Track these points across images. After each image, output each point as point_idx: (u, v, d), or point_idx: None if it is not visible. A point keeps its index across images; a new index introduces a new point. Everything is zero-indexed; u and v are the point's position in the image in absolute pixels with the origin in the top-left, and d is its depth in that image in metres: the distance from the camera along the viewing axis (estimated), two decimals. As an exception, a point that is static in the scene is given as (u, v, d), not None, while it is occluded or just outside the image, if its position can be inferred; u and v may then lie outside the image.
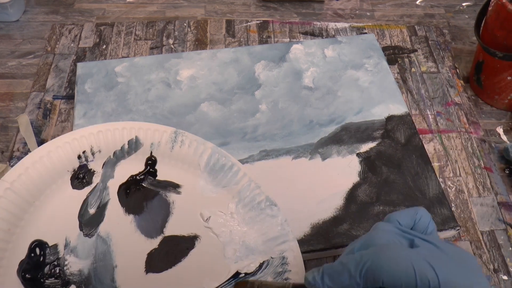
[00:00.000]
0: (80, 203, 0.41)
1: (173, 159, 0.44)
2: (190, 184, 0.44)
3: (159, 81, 0.57)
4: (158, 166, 0.44)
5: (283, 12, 0.70)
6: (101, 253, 0.40)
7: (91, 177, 0.42)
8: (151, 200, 0.43)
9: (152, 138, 0.44)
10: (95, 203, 0.42)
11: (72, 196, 0.41)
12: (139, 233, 0.41)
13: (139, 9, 0.70)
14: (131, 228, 0.41)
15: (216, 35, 0.66)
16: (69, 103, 0.57)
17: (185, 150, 0.44)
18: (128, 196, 0.43)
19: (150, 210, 0.42)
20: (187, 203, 0.43)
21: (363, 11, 0.71)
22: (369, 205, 0.48)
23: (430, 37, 0.66)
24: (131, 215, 0.42)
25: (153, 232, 0.42)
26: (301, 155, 0.51)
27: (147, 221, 0.42)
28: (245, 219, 0.43)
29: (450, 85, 0.61)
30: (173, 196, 0.43)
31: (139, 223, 0.42)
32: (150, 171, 0.44)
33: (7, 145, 0.53)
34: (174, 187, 0.44)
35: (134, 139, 0.43)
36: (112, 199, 0.42)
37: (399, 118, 0.55)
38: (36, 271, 0.38)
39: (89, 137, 0.42)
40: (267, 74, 0.58)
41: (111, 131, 0.43)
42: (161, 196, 0.43)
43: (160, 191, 0.43)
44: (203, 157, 0.44)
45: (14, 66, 0.61)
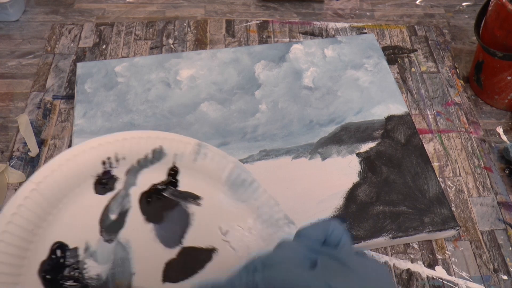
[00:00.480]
0: (101, 209, 0.42)
1: (195, 171, 0.44)
2: (210, 197, 0.44)
3: (159, 81, 0.57)
4: (180, 176, 0.44)
5: (283, 12, 0.70)
6: (120, 259, 0.40)
7: (114, 183, 0.43)
8: (171, 210, 0.43)
9: (176, 149, 0.44)
10: (116, 209, 0.42)
11: (94, 201, 0.42)
12: (158, 242, 0.41)
13: (139, 9, 0.70)
14: (151, 236, 0.41)
15: (216, 35, 0.66)
16: (69, 103, 0.57)
17: (208, 163, 0.44)
18: (149, 204, 0.43)
19: (170, 220, 0.42)
20: (207, 215, 0.43)
21: (363, 11, 0.71)
22: (369, 205, 0.48)
23: (430, 37, 0.66)
24: (151, 224, 0.42)
25: (172, 242, 0.42)
26: (301, 155, 0.51)
27: (167, 231, 0.42)
28: (263, 235, 0.43)
29: (450, 85, 0.61)
30: (193, 208, 0.43)
31: (159, 232, 0.42)
32: (172, 181, 0.44)
33: (7, 145, 0.53)
34: (194, 199, 0.44)
35: (159, 148, 0.44)
36: (133, 206, 0.42)
37: (399, 118, 0.55)
38: (56, 272, 0.38)
39: (115, 144, 0.43)
40: (267, 74, 0.58)
41: (136, 139, 0.43)
42: (181, 207, 0.43)
43: (180, 201, 0.43)
44: (225, 171, 0.44)
45: (14, 66, 0.61)
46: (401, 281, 0.45)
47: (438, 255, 0.46)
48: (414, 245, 0.47)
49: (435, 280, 0.45)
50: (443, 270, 0.45)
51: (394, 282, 0.31)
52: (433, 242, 0.47)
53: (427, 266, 0.46)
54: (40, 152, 0.52)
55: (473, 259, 0.46)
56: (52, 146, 0.53)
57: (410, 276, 0.45)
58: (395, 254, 0.46)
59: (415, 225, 0.46)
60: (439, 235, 0.47)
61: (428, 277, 0.45)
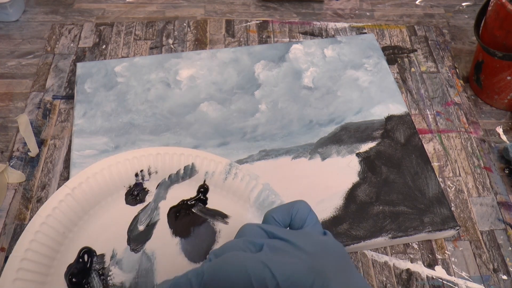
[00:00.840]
0: (131, 219, 0.43)
1: (224, 190, 0.45)
2: (238, 216, 0.44)
3: (159, 81, 0.57)
4: (209, 194, 0.45)
5: (283, 12, 0.70)
6: (144, 269, 0.41)
7: (144, 196, 0.44)
8: (198, 226, 0.44)
9: (208, 167, 0.45)
10: (145, 221, 0.43)
11: (124, 211, 0.43)
12: (183, 256, 0.42)
13: (138, 9, 0.70)
14: (176, 250, 0.42)
15: (215, 35, 0.66)
16: (68, 103, 0.57)
17: (237, 183, 0.45)
18: (177, 219, 0.44)
19: (196, 235, 0.43)
20: (233, 234, 0.44)
21: (363, 11, 0.71)
22: (369, 205, 0.48)
23: (429, 37, 0.66)
24: (177, 238, 0.43)
25: (197, 257, 0.42)
26: (301, 155, 0.51)
27: (193, 246, 0.43)
28: None
29: (450, 85, 0.61)
30: (220, 226, 0.44)
31: (184, 247, 0.42)
32: (201, 198, 0.45)
33: (7, 145, 0.53)
34: (222, 217, 0.44)
35: (191, 165, 0.45)
36: (162, 219, 0.43)
37: (399, 118, 0.55)
38: (82, 276, 0.40)
39: (148, 158, 0.45)
40: (266, 74, 0.58)
41: (170, 155, 0.45)
42: (208, 223, 0.44)
43: (208, 218, 0.44)
44: (254, 192, 0.45)
45: (13, 66, 0.61)
46: (401, 281, 0.45)
47: (438, 255, 0.46)
48: (413, 245, 0.47)
49: (434, 280, 0.45)
50: (442, 270, 0.45)
51: (350, 263, 0.30)
52: (433, 242, 0.47)
53: (426, 266, 0.46)
54: (40, 152, 0.52)
55: (473, 259, 0.46)
56: (52, 146, 0.53)
57: (410, 276, 0.45)
58: (394, 254, 0.46)
59: (415, 225, 0.46)
60: (438, 235, 0.47)
61: (428, 277, 0.45)
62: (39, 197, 0.49)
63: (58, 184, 0.50)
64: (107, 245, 0.41)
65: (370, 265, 0.45)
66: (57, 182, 0.50)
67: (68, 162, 0.50)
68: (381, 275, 0.45)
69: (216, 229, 0.44)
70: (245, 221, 0.44)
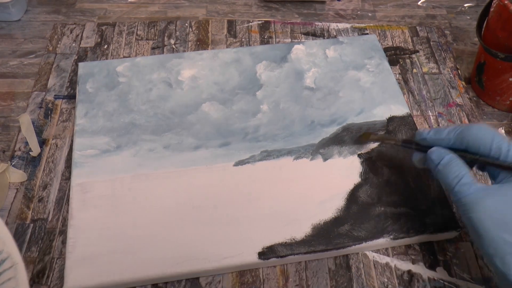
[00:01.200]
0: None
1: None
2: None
3: (161, 81, 0.57)
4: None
5: (285, 12, 0.70)
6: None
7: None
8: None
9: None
10: None
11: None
12: None
13: (140, 9, 0.70)
14: None
15: (217, 35, 0.66)
16: (70, 102, 0.57)
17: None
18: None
19: None
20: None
21: (365, 12, 0.71)
22: (370, 206, 0.47)
23: (431, 38, 0.66)
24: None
25: None
26: (302, 156, 0.51)
27: None
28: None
29: (452, 86, 0.61)
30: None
31: None
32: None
33: (9, 145, 0.53)
34: None
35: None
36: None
37: (401, 119, 0.55)
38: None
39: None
40: (268, 74, 0.58)
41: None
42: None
43: None
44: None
45: (15, 66, 0.61)
46: (403, 282, 0.45)
47: (439, 256, 0.46)
48: (415, 246, 0.47)
49: (436, 281, 0.45)
50: (444, 271, 0.45)
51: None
52: (434, 244, 0.47)
53: (428, 267, 0.46)
54: (41, 152, 0.52)
55: (475, 260, 0.46)
56: (54, 146, 0.53)
57: (411, 278, 0.45)
58: (396, 255, 0.46)
59: (417, 226, 0.46)
60: (440, 236, 0.47)
61: (429, 278, 0.45)
62: (41, 196, 0.49)
63: (59, 183, 0.50)
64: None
65: (371, 266, 0.45)
66: (58, 181, 0.50)
67: (70, 161, 0.50)
68: (383, 276, 0.45)
69: None
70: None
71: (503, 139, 0.38)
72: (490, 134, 0.39)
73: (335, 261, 0.45)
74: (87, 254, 0.43)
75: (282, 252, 0.44)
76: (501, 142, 0.38)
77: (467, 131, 0.40)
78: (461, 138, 0.40)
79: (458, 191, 0.38)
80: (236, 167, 0.50)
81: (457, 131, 0.40)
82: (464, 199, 0.38)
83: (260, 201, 0.47)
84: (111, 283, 0.42)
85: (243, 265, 0.44)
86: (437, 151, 0.41)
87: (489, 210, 0.36)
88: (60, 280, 0.43)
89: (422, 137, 0.43)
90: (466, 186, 0.38)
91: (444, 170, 0.40)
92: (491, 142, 0.38)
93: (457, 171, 0.39)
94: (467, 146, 0.40)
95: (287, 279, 0.44)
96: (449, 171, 0.39)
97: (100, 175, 0.48)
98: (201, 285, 0.44)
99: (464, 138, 0.40)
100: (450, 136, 0.41)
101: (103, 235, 0.45)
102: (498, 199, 0.37)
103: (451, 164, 0.40)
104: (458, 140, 0.40)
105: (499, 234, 0.35)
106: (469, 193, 0.38)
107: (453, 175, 0.39)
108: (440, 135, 0.41)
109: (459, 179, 0.39)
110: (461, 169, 0.39)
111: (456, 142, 0.41)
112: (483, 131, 0.39)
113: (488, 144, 0.38)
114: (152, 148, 0.51)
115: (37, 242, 0.46)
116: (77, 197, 0.47)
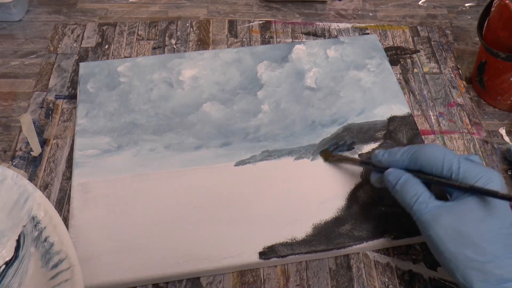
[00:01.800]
0: None
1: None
2: None
3: (162, 81, 0.57)
4: None
5: (286, 12, 0.70)
6: None
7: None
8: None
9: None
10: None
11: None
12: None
13: (141, 9, 0.70)
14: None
15: (218, 35, 0.66)
16: (71, 102, 0.57)
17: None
18: None
19: None
20: None
21: (366, 12, 0.71)
22: (371, 206, 0.47)
23: (432, 38, 0.66)
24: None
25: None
26: (303, 156, 0.51)
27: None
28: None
29: (453, 86, 0.61)
30: None
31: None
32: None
33: (10, 145, 0.53)
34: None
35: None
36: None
37: (402, 119, 0.55)
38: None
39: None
40: (269, 74, 0.58)
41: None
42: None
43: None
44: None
45: (16, 66, 0.61)
46: (403, 282, 0.44)
47: (440, 256, 0.46)
48: (416, 246, 0.47)
49: (437, 281, 0.45)
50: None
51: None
52: (435, 243, 0.47)
53: (429, 267, 0.45)
54: (42, 152, 0.52)
55: (476, 260, 0.46)
56: (55, 146, 0.53)
57: (412, 278, 0.45)
58: (397, 255, 0.46)
59: (417, 226, 0.46)
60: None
61: (430, 278, 0.45)
62: (42, 196, 0.49)
63: (60, 183, 0.50)
64: None
65: (372, 266, 0.45)
66: (59, 181, 0.50)
67: (71, 161, 0.51)
68: (384, 276, 0.45)
69: None
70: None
71: (453, 158, 0.39)
72: (441, 154, 0.39)
73: (336, 261, 0.45)
74: (88, 254, 0.43)
75: (283, 252, 0.44)
76: (452, 160, 0.39)
77: (420, 152, 0.40)
78: (415, 159, 0.41)
79: (416, 210, 0.39)
80: (237, 167, 0.50)
81: (410, 152, 0.41)
82: (422, 217, 0.38)
83: (261, 201, 0.47)
84: (112, 283, 0.42)
85: (244, 265, 0.44)
86: (394, 172, 0.41)
87: (446, 227, 0.37)
88: (61, 280, 0.43)
89: (378, 159, 0.43)
90: (423, 204, 0.39)
91: (402, 190, 0.40)
92: (442, 162, 0.39)
93: (414, 191, 0.39)
94: (421, 166, 0.40)
95: (288, 279, 0.44)
96: (407, 191, 0.40)
97: (101, 175, 0.49)
98: (202, 285, 0.44)
99: (417, 159, 0.40)
100: (404, 157, 0.41)
101: (104, 235, 0.45)
102: (454, 216, 0.37)
103: (408, 184, 0.40)
104: (412, 161, 0.41)
105: (457, 249, 0.36)
106: (426, 211, 0.38)
107: (410, 194, 0.40)
108: (394, 157, 0.42)
109: (417, 198, 0.39)
110: (417, 188, 0.40)
111: (410, 163, 0.41)
112: (434, 151, 0.40)
113: (439, 163, 0.39)
114: (153, 148, 0.51)
115: (38, 242, 0.46)
116: (78, 197, 0.47)
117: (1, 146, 0.53)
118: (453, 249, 0.36)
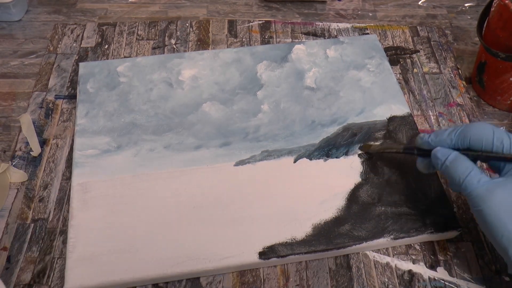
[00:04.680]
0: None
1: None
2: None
3: (161, 81, 0.57)
4: None
5: (285, 12, 0.70)
6: None
7: None
8: None
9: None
10: None
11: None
12: None
13: (141, 9, 0.70)
14: None
15: (218, 35, 0.66)
16: (71, 102, 0.57)
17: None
18: None
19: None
20: None
21: (365, 12, 0.71)
22: (371, 206, 0.47)
23: (432, 38, 0.66)
24: None
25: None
26: (303, 156, 0.51)
27: None
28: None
29: (452, 86, 0.61)
30: None
31: None
32: None
33: (9, 145, 0.53)
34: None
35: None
36: None
37: (401, 119, 0.55)
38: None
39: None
40: (269, 74, 0.58)
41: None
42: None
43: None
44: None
45: (16, 66, 0.61)
46: (403, 282, 0.44)
47: (440, 256, 0.46)
48: (416, 246, 0.47)
49: (436, 281, 0.45)
50: (445, 271, 0.45)
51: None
52: (435, 243, 0.47)
53: (428, 267, 0.46)
54: (42, 152, 0.52)
55: (475, 260, 0.46)
56: (54, 146, 0.53)
57: (412, 277, 0.45)
58: (396, 255, 0.46)
59: (417, 226, 0.46)
60: (441, 236, 0.47)
61: (430, 278, 0.45)
62: (41, 196, 0.49)
63: (60, 183, 0.50)
64: None
65: (372, 266, 0.45)
66: (59, 181, 0.50)
67: (70, 161, 0.51)
68: (383, 276, 0.45)
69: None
70: None
71: (504, 133, 0.39)
72: (490, 130, 0.40)
73: (336, 261, 0.46)
74: (88, 254, 0.43)
75: (283, 252, 0.44)
76: (503, 135, 0.39)
77: (468, 130, 0.41)
78: (462, 137, 0.41)
79: (468, 183, 0.39)
80: (237, 167, 0.50)
81: (457, 131, 0.41)
82: (474, 191, 0.39)
83: (261, 201, 0.47)
84: (112, 283, 0.42)
85: (244, 265, 0.44)
86: (442, 150, 0.42)
87: (500, 201, 0.37)
88: (61, 280, 0.43)
89: (424, 141, 0.43)
90: (475, 179, 0.39)
91: (452, 165, 0.40)
92: (493, 137, 0.39)
93: (465, 166, 0.40)
94: (469, 144, 0.41)
95: (288, 279, 0.44)
96: (457, 167, 0.40)
97: (100, 175, 0.49)
98: (202, 285, 0.44)
99: (465, 137, 0.41)
100: (451, 136, 0.42)
101: (103, 235, 0.45)
102: (508, 190, 0.37)
103: (458, 160, 0.40)
104: (459, 139, 0.41)
105: (511, 223, 0.36)
106: (479, 185, 0.39)
107: (461, 169, 0.40)
108: (442, 137, 0.42)
109: (468, 172, 0.39)
110: (468, 164, 0.40)
111: (458, 141, 0.41)
112: (483, 128, 0.40)
113: (490, 139, 0.39)
114: (152, 148, 0.51)
115: (37, 242, 0.46)
116: (77, 197, 0.47)
117: (1, 146, 0.53)
118: (507, 223, 0.36)
